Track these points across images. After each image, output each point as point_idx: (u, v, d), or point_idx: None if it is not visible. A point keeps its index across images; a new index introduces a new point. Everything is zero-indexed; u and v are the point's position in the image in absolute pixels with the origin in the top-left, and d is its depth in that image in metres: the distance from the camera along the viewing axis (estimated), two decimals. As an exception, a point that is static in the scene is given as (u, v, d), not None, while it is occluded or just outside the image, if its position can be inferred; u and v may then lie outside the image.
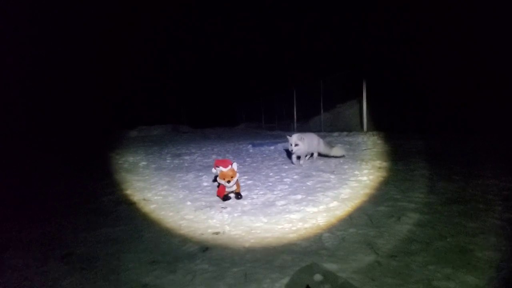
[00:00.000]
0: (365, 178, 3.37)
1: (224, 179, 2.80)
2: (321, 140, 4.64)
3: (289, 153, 4.58)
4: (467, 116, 6.39)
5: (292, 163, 4.46)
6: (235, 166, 2.87)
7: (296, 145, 4.14)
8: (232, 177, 2.80)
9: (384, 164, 4.04)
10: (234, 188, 2.90)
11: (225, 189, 2.87)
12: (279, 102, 15.74)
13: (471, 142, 5.25)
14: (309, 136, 4.46)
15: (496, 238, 1.81)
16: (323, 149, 4.66)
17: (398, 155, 4.73)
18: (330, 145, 4.91)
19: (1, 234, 2.37)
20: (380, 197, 2.70)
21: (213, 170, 2.98)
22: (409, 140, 6.02)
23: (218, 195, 2.95)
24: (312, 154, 4.71)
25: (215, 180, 3.08)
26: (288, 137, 4.28)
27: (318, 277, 1.47)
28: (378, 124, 8.22)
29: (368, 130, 8.23)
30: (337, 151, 4.73)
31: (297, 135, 4.18)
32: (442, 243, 1.78)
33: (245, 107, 22.25)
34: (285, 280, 1.47)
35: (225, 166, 2.82)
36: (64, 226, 2.52)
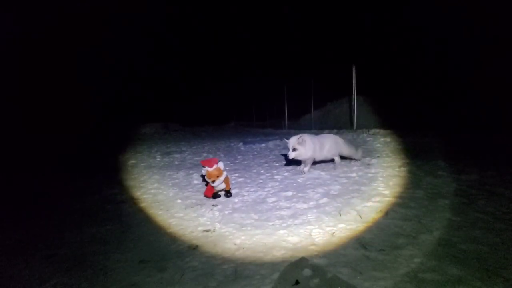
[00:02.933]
0: (354, 174, 3.42)
1: (210, 178, 2.76)
2: (340, 141, 3.84)
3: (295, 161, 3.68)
4: (455, 114, 6.57)
5: (302, 171, 3.62)
6: (221, 165, 2.82)
7: (294, 149, 3.37)
8: (218, 176, 2.75)
9: (373, 160, 4.10)
10: (223, 186, 2.88)
11: (213, 188, 2.84)
12: (270, 100, 15.77)
13: (457, 139, 5.41)
14: (319, 138, 3.63)
15: (479, 231, 1.87)
16: (347, 151, 3.87)
17: (386, 152, 4.81)
18: (354, 145, 4.07)
19: (-18, 236, 2.28)
20: (368, 192, 2.75)
21: (203, 171, 2.95)
22: (398, 137, 6.14)
23: (205, 195, 2.89)
24: (333, 159, 3.90)
25: (204, 180, 3.06)
26: (285, 140, 3.51)
27: (307, 271, 1.48)
28: (368, 122, 8.35)
29: (357, 128, 8.34)
30: (358, 153, 4.07)
31: (296, 137, 3.40)
32: (428, 237, 1.83)
33: (235, 105, 22.20)
34: (275, 276, 1.48)
35: (211, 166, 2.76)
36: (49, 226, 2.45)
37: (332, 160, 3.94)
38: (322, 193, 2.82)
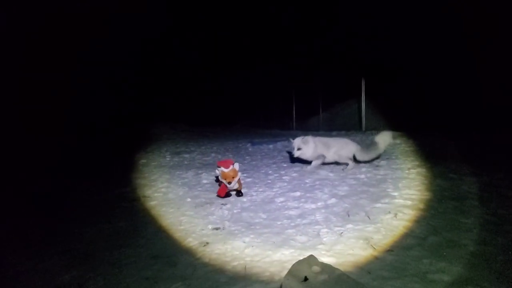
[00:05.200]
0: (362, 176, 3.41)
1: (225, 179, 2.81)
2: (353, 147, 3.90)
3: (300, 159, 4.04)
4: (465, 115, 6.45)
5: (309, 169, 3.92)
6: (236, 166, 2.87)
7: (299, 148, 3.78)
8: (233, 178, 2.81)
9: (382, 162, 4.08)
10: (236, 186, 2.92)
11: (226, 189, 2.88)
12: (277, 100, 15.77)
13: (468, 140, 5.31)
14: (322, 140, 3.97)
15: (489, 233, 1.86)
16: (361, 156, 3.86)
17: (395, 154, 4.77)
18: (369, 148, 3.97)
19: (0, 232, 2.39)
20: (377, 194, 2.74)
21: (217, 172, 2.98)
22: (407, 138, 6.07)
23: (218, 195, 2.93)
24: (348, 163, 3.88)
25: (217, 180, 3.11)
26: (290, 139, 3.94)
27: (316, 268, 1.51)
28: (377, 123, 8.27)
29: (366, 129, 8.27)
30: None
31: (300, 138, 3.83)
32: (437, 238, 1.83)
33: (242, 105, 22.21)
34: (284, 273, 1.51)
35: (227, 167, 2.81)
36: (63, 223, 2.55)
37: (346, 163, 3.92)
38: (330, 193, 2.83)
